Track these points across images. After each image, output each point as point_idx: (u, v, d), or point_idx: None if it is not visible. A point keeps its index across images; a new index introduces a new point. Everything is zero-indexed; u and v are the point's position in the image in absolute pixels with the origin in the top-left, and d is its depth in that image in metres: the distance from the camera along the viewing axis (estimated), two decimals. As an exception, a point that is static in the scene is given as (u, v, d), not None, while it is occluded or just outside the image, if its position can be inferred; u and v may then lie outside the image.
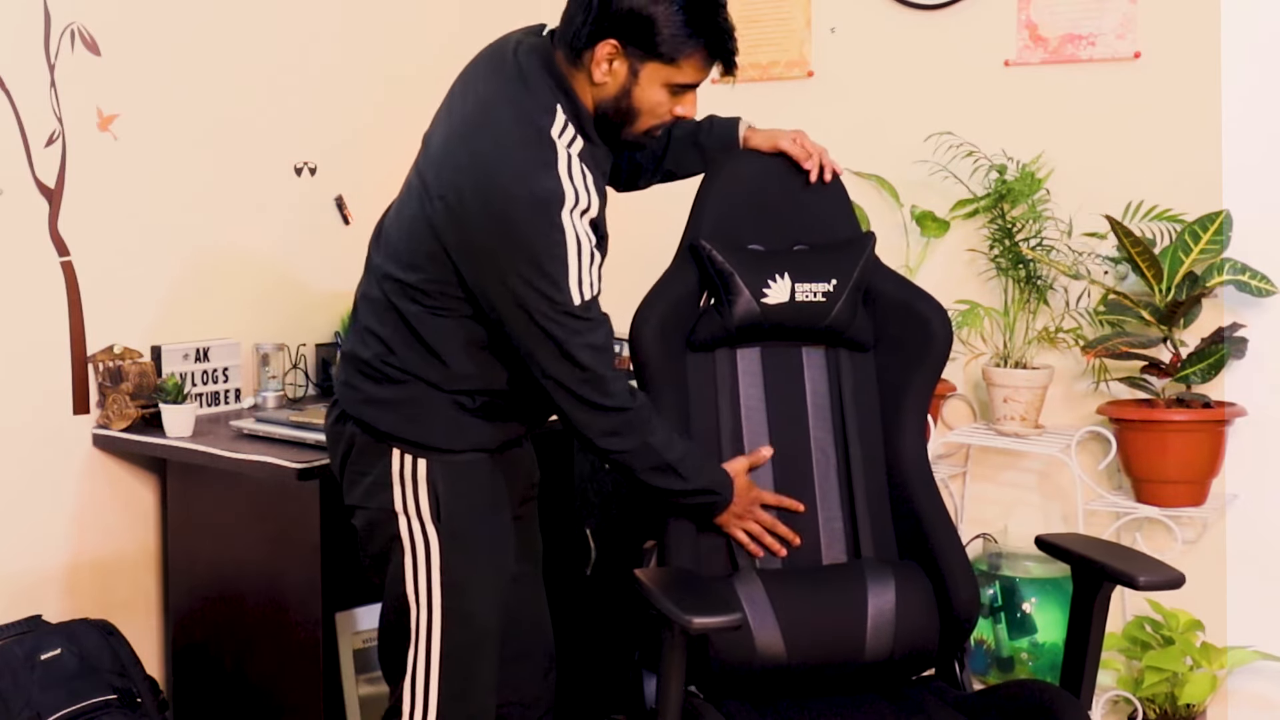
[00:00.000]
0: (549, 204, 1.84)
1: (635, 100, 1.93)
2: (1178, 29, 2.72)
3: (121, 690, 2.51)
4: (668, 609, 1.81)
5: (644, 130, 1.98)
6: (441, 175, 1.90)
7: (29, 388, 2.61)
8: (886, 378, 2.24)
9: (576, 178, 1.87)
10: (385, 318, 1.99)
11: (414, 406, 1.98)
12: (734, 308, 2.16)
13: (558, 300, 1.85)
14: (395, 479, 2.00)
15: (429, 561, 1.99)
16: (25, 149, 2.57)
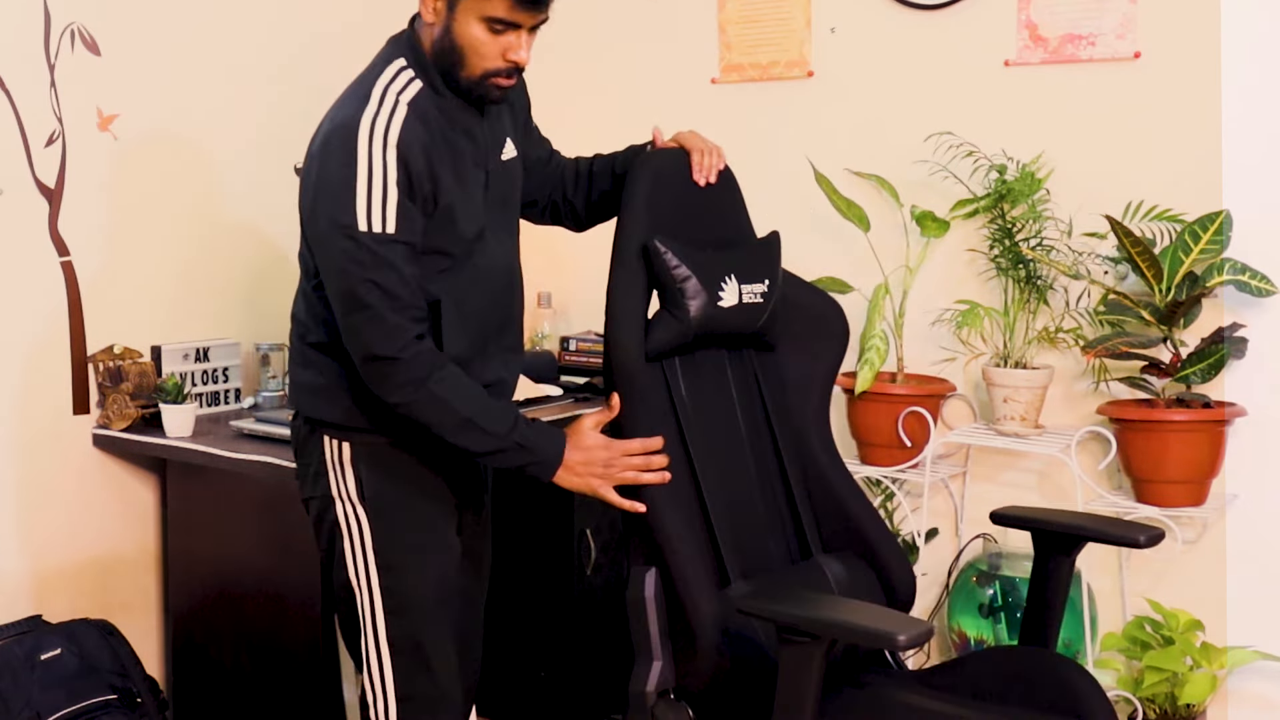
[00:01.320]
0: (345, 129, 1.88)
1: (456, 37, 1.92)
2: (1178, 29, 2.72)
3: (121, 690, 2.51)
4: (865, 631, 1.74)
5: (480, 75, 1.94)
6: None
7: (29, 388, 2.61)
8: (793, 375, 2.24)
9: (386, 106, 1.90)
10: (301, 301, 2.06)
11: (329, 388, 2.01)
12: (691, 312, 2.06)
13: (342, 221, 1.85)
14: (329, 465, 2.03)
15: (363, 543, 2.01)
16: (25, 149, 2.58)
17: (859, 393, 2.85)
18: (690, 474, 2.06)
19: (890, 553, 2.18)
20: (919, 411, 2.83)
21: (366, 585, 2.02)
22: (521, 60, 1.95)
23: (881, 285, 2.88)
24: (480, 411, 1.95)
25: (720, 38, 3.27)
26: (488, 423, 1.95)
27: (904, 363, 2.94)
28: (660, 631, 1.95)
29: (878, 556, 2.17)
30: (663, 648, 1.96)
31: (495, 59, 1.93)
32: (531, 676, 2.97)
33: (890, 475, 2.92)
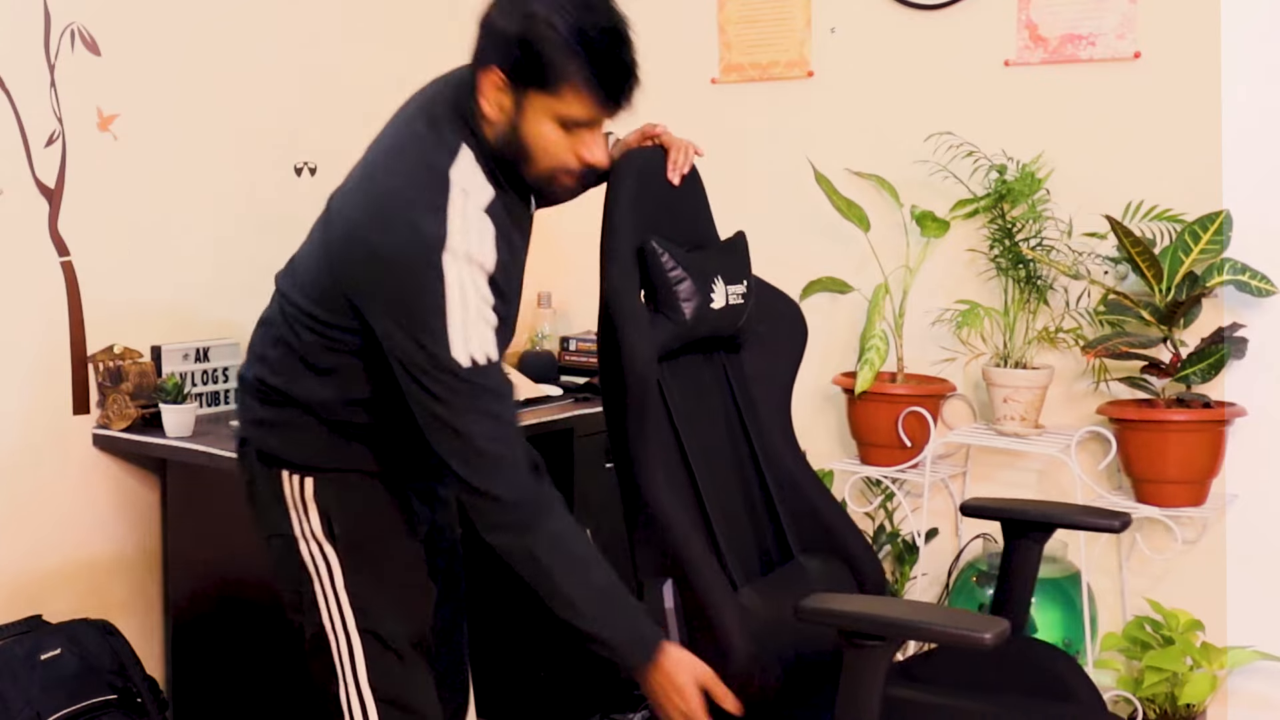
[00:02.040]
0: (429, 245, 1.67)
1: (524, 136, 1.75)
2: (1178, 29, 2.72)
3: (121, 690, 2.51)
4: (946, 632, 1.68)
5: (546, 173, 1.79)
6: (342, 211, 1.79)
7: (29, 388, 2.61)
8: (756, 375, 2.22)
9: (472, 223, 1.71)
10: (279, 342, 1.88)
11: (294, 429, 1.87)
12: (687, 315, 2.02)
13: (438, 356, 1.67)
14: (290, 502, 1.88)
15: (334, 584, 1.87)
16: (25, 149, 2.57)
17: (859, 393, 2.85)
18: (691, 481, 2.04)
19: (859, 548, 2.19)
20: (919, 411, 2.83)
21: (343, 630, 1.87)
22: (598, 161, 1.80)
23: (881, 285, 2.88)
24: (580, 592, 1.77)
25: (720, 38, 3.27)
26: (587, 607, 1.77)
27: (904, 363, 2.94)
28: (682, 643, 1.90)
29: (848, 552, 2.18)
30: None
31: (568, 158, 1.78)
32: (531, 676, 2.97)
33: (890, 475, 2.92)
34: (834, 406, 3.14)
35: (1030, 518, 2.16)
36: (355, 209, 1.76)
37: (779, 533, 2.18)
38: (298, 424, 1.87)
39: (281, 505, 1.89)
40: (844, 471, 3.00)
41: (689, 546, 1.91)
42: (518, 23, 1.71)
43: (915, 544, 2.90)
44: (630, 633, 1.81)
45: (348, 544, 1.87)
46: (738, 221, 3.16)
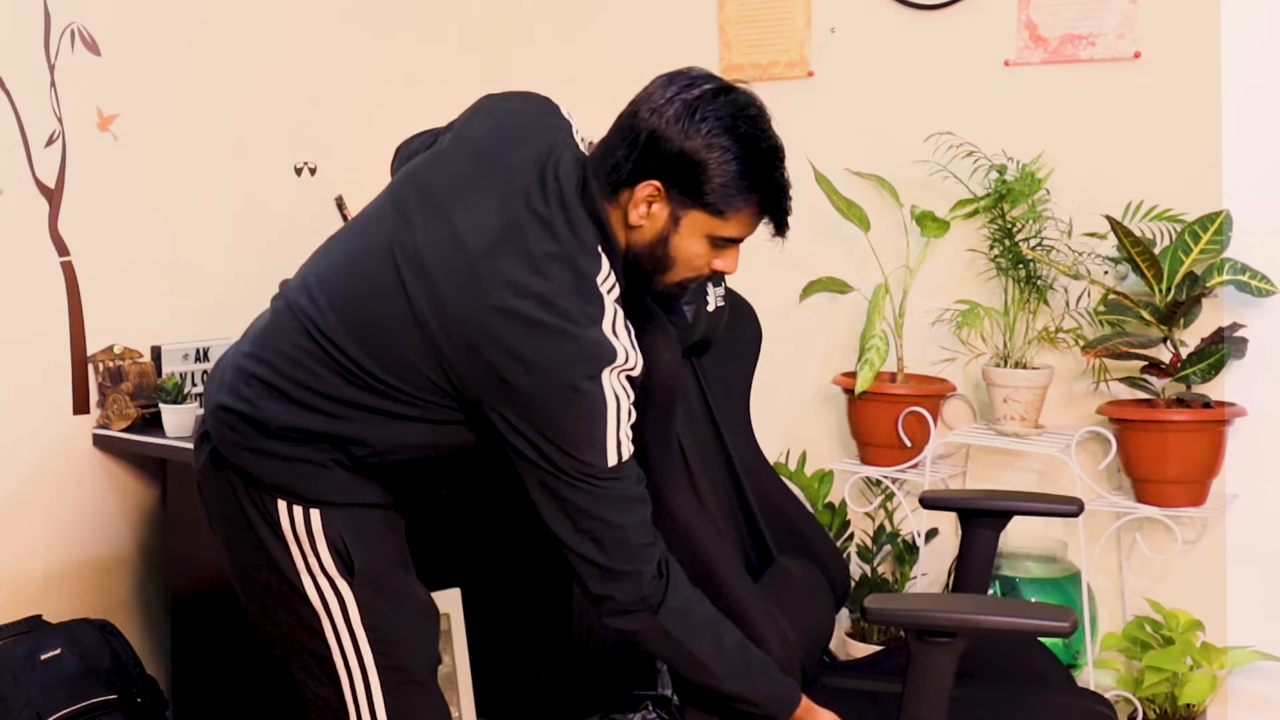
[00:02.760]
0: (594, 361, 1.64)
1: (672, 249, 1.72)
2: (1178, 29, 2.72)
3: (121, 690, 2.51)
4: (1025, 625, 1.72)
5: (677, 282, 1.77)
6: (458, 295, 1.65)
7: (29, 388, 2.61)
8: (721, 378, 2.21)
9: (621, 334, 1.67)
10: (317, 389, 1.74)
11: (302, 463, 1.76)
12: (690, 317, 1.99)
13: (587, 461, 1.65)
14: (288, 535, 1.77)
15: (348, 619, 1.79)
16: (25, 149, 2.58)
17: (859, 393, 2.85)
18: (695, 492, 2.01)
19: (824, 546, 2.21)
20: (919, 411, 2.83)
21: (358, 664, 1.80)
22: (730, 270, 1.78)
23: (881, 285, 2.88)
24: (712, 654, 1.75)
25: (720, 38, 3.27)
26: (719, 667, 1.75)
27: (904, 363, 2.94)
28: None
29: (814, 551, 2.19)
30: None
31: (703, 269, 1.76)
32: (531, 676, 2.97)
33: (890, 475, 2.92)
34: (834, 406, 3.14)
35: (985, 506, 2.19)
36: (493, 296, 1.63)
37: (757, 536, 2.17)
38: (312, 461, 1.76)
39: (276, 537, 1.78)
40: (844, 471, 3.00)
41: (722, 559, 1.89)
42: (693, 144, 1.68)
43: (915, 544, 2.90)
44: (772, 688, 1.79)
45: (366, 579, 1.79)
46: (738, 221, 3.17)
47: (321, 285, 1.77)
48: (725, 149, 1.68)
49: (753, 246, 2.46)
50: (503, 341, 1.63)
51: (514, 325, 1.62)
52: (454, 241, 1.68)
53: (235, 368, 1.82)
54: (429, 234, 1.70)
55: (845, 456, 3.09)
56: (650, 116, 1.70)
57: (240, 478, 1.79)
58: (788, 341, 3.12)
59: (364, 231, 1.80)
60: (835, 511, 2.96)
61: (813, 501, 2.96)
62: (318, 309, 1.75)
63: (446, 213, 1.71)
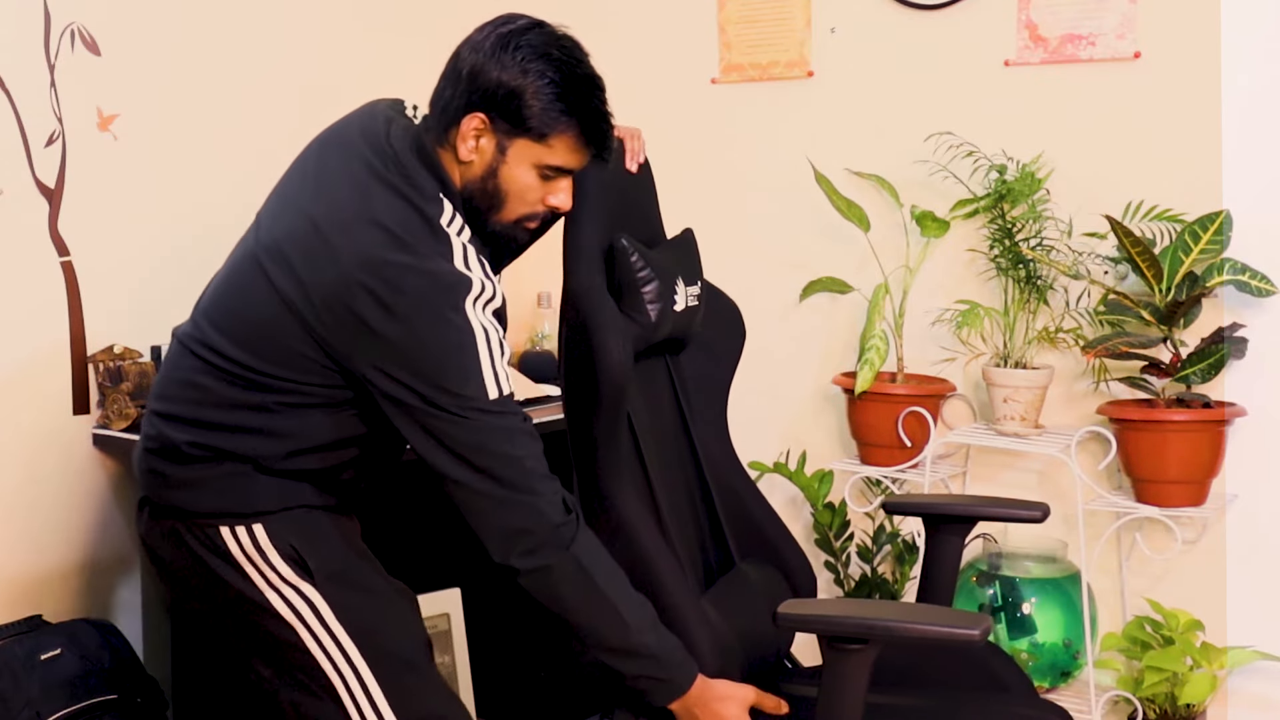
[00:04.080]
0: (452, 293, 1.69)
1: (502, 180, 1.78)
2: (1178, 29, 2.72)
3: (121, 690, 2.51)
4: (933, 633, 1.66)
5: (514, 219, 1.82)
6: (317, 269, 1.72)
7: (29, 388, 2.61)
8: (697, 378, 2.21)
9: (475, 266, 1.73)
10: (208, 401, 1.80)
11: (229, 480, 1.79)
12: (652, 317, 1.97)
13: (469, 395, 1.68)
14: (239, 557, 1.78)
15: (324, 622, 1.79)
16: (25, 149, 2.57)
17: (859, 393, 2.85)
18: (650, 491, 1.99)
19: (791, 553, 2.19)
20: (919, 411, 2.83)
21: (347, 665, 1.79)
22: (564, 206, 1.83)
23: (881, 285, 2.88)
24: (623, 597, 1.74)
25: (720, 38, 3.27)
26: (629, 612, 1.74)
27: (904, 363, 2.94)
28: None
29: (781, 558, 2.17)
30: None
31: (536, 204, 1.82)
32: (531, 676, 2.97)
33: (890, 475, 2.92)
34: (834, 406, 3.14)
35: (950, 511, 2.17)
36: (354, 268, 1.69)
37: (720, 540, 2.16)
38: (234, 474, 1.79)
39: (227, 565, 1.79)
40: (844, 471, 3.00)
41: (660, 558, 1.87)
42: (510, 72, 1.76)
43: (915, 544, 2.90)
44: (677, 651, 1.78)
45: (325, 575, 1.80)
46: (738, 222, 3.18)
47: (204, 312, 1.88)
48: (541, 73, 1.75)
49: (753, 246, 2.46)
50: (362, 291, 1.68)
51: (370, 274, 1.68)
52: (307, 223, 1.76)
53: (146, 419, 1.90)
54: (284, 226, 1.80)
55: (845, 456, 3.09)
56: (470, 54, 1.80)
57: (178, 519, 1.82)
58: (788, 341, 3.13)
59: (231, 256, 1.92)
60: (835, 511, 2.96)
61: (813, 501, 2.96)
62: (200, 330, 1.85)
63: (297, 205, 1.81)
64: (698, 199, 2.98)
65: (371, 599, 1.84)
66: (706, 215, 2.32)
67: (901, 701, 1.96)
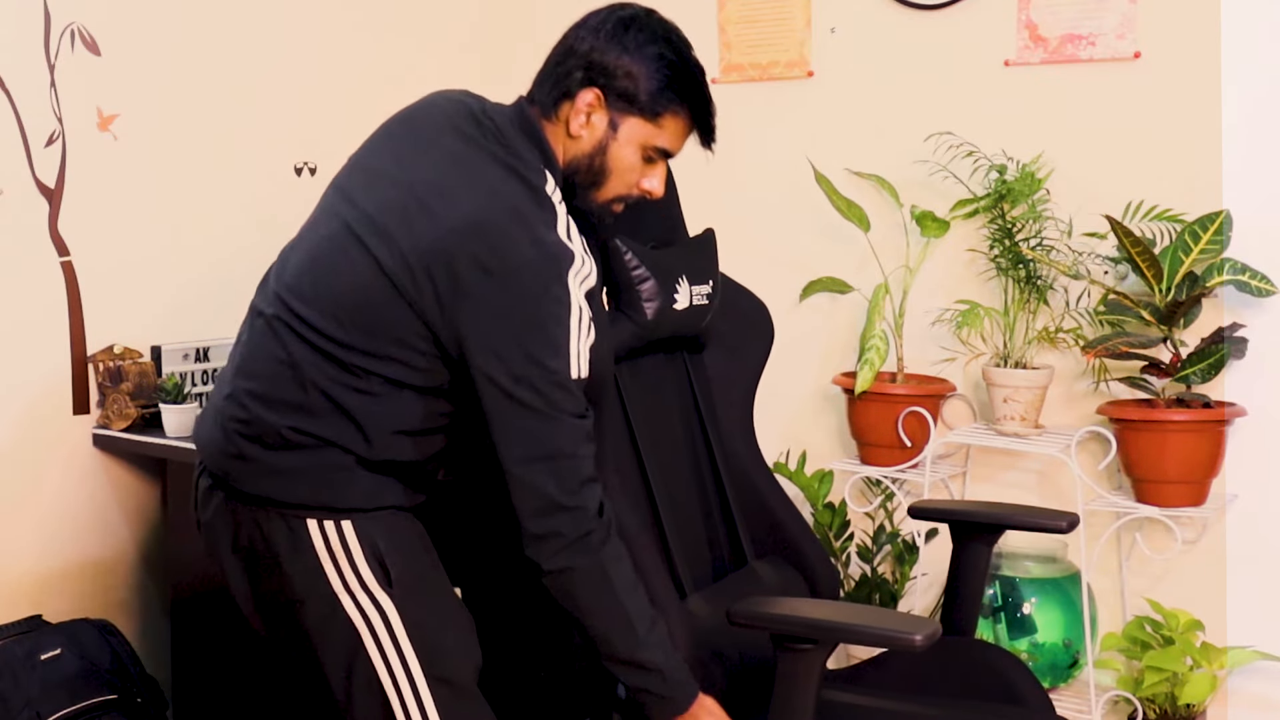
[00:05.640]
0: (558, 262, 1.67)
1: (610, 158, 1.80)
2: (1178, 29, 2.72)
3: (121, 690, 2.51)
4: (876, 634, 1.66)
5: (610, 198, 1.84)
6: (417, 234, 1.69)
7: (29, 388, 2.61)
8: (720, 377, 2.20)
9: (576, 239, 1.72)
10: (302, 383, 1.74)
11: (323, 470, 1.74)
12: (649, 315, 1.98)
13: (552, 368, 1.65)
14: (323, 555, 1.74)
15: (393, 635, 1.75)
16: (25, 149, 2.57)
17: (859, 393, 2.85)
18: (645, 487, 1.99)
19: (813, 553, 2.17)
20: (919, 411, 2.83)
21: (408, 685, 1.75)
22: (656, 192, 1.86)
23: (881, 285, 2.88)
24: (638, 614, 1.72)
25: (720, 38, 3.27)
26: (642, 625, 1.72)
27: (904, 363, 2.94)
28: None
29: (802, 558, 2.15)
30: None
31: (633, 186, 1.84)
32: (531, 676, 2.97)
33: (890, 475, 2.92)
34: (834, 406, 3.14)
35: (978, 519, 2.16)
36: (458, 235, 1.66)
37: (733, 538, 2.15)
38: (333, 467, 1.74)
39: (312, 560, 1.74)
40: (844, 471, 3.00)
41: (637, 552, 1.85)
42: (630, 52, 1.78)
43: (915, 544, 2.90)
44: (682, 669, 1.76)
45: (404, 587, 1.75)
46: (738, 222, 3.17)
47: (291, 289, 1.79)
48: (659, 56, 1.79)
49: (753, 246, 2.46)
50: (464, 255, 1.66)
51: (473, 237, 1.66)
52: (405, 192, 1.73)
53: (228, 397, 1.81)
54: (379, 198, 1.75)
55: (845, 456, 3.09)
56: (587, 35, 1.81)
57: (261, 507, 1.76)
58: (788, 341, 3.11)
59: (316, 228, 1.83)
60: (835, 511, 2.96)
61: (813, 501, 2.96)
62: (290, 307, 1.77)
63: (391, 178, 1.77)
64: (697, 199, 2.98)
65: (442, 618, 1.81)
66: (706, 215, 2.31)
67: (912, 710, 1.96)
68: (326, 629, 1.76)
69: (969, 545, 2.14)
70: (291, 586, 1.77)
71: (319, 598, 1.75)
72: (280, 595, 1.79)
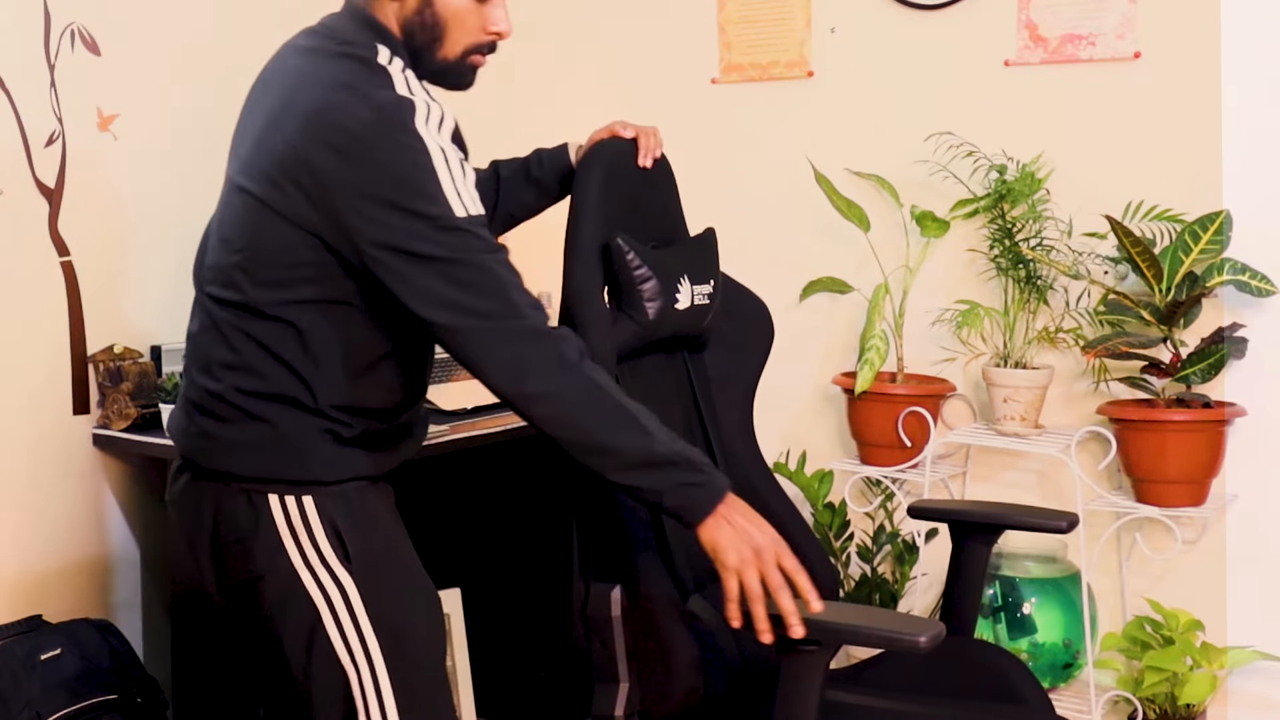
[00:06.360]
0: (399, 112, 1.65)
1: (439, 10, 1.75)
2: (1178, 29, 2.72)
3: (121, 690, 2.51)
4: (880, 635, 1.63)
5: (459, 54, 1.78)
6: (275, 150, 1.69)
7: (29, 388, 2.61)
8: (720, 376, 2.19)
9: (417, 90, 1.70)
10: (232, 343, 1.73)
11: (283, 443, 1.71)
12: (651, 315, 1.97)
13: (436, 215, 1.62)
14: (284, 530, 1.71)
15: (352, 611, 1.72)
16: (25, 149, 2.58)
17: (859, 393, 2.85)
18: None
19: (813, 553, 2.16)
20: (919, 411, 2.83)
21: (365, 660, 1.72)
22: (506, 31, 1.80)
23: (881, 285, 2.88)
24: (641, 410, 1.67)
25: (720, 38, 3.27)
26: (650, 423, 1.66)
27: (904, 363, 2.94)
28: (626, 652, 1.88)
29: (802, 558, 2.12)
30: (629, 669, 1.89)
31: (478, 33, 1.78)
32: (531, 676, 2.98)
33: (890, 475, 2.92)
34: (834, 406, 3.14)
35: (976, 519, 2.16)
36: (300, 132, 1.66)
37: None
38: (288, 434, 1.72)
39: (272, 536, 1.71)
40: (844, 471, 3.00)
41: (641, 553, 1.85)
42: None
43: (915, 544, 2.90)
44: (700, 453, 1.69)
45: (364, 564, 1.72)
46: (738, 222, 3.17)
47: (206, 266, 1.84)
48: None
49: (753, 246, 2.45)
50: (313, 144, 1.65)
51: (314, 125, 1.66)
52: (262, 124, 1.75)
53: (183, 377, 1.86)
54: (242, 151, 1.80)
55: (845, 456, 3.09)
56: None
57: (223, 482, 1.75)
58: (788, 341, 3.11)
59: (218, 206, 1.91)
60: (835, 512, 2.96)
61: (813, 501, 2.96)
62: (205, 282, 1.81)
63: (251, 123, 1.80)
64: (697, 199, 2.98)
65: (403, 595, 1.78)
66: (706, 215, 2.32)
67: (911, 709, 1.96)
68: (286, 605, 1.73)
69: (968, 545, 2.14)
70: (253, 562, 1.73)
71: (279, 574, 1.72)
72: (241, 571, 1.75)
